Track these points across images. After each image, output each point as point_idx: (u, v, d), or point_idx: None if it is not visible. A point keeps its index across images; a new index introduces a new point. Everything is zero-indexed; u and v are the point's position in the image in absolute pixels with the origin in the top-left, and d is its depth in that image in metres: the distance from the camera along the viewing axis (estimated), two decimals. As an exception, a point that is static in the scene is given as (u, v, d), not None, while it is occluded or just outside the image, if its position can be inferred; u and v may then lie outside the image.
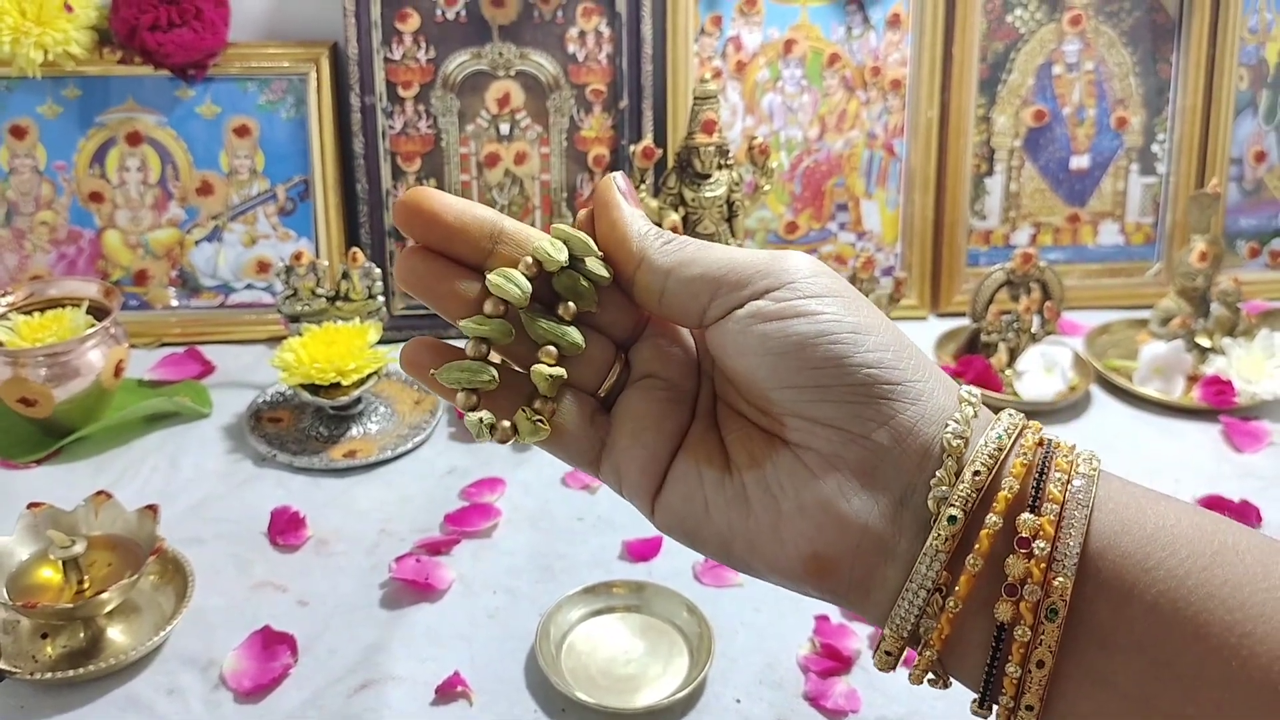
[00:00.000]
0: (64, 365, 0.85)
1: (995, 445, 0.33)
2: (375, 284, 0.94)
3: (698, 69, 1.07)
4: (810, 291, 0.34)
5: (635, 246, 0.36)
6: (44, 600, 0.67)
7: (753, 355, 0.35)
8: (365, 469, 0.87)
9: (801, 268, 0.35)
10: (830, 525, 0.34)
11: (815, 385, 0.34)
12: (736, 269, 0.35)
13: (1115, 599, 0.31)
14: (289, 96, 1.05)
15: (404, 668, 0.67)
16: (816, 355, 0.34)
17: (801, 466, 0.34)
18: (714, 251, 0.36)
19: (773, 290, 0.34)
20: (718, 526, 0.36)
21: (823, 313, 0.34)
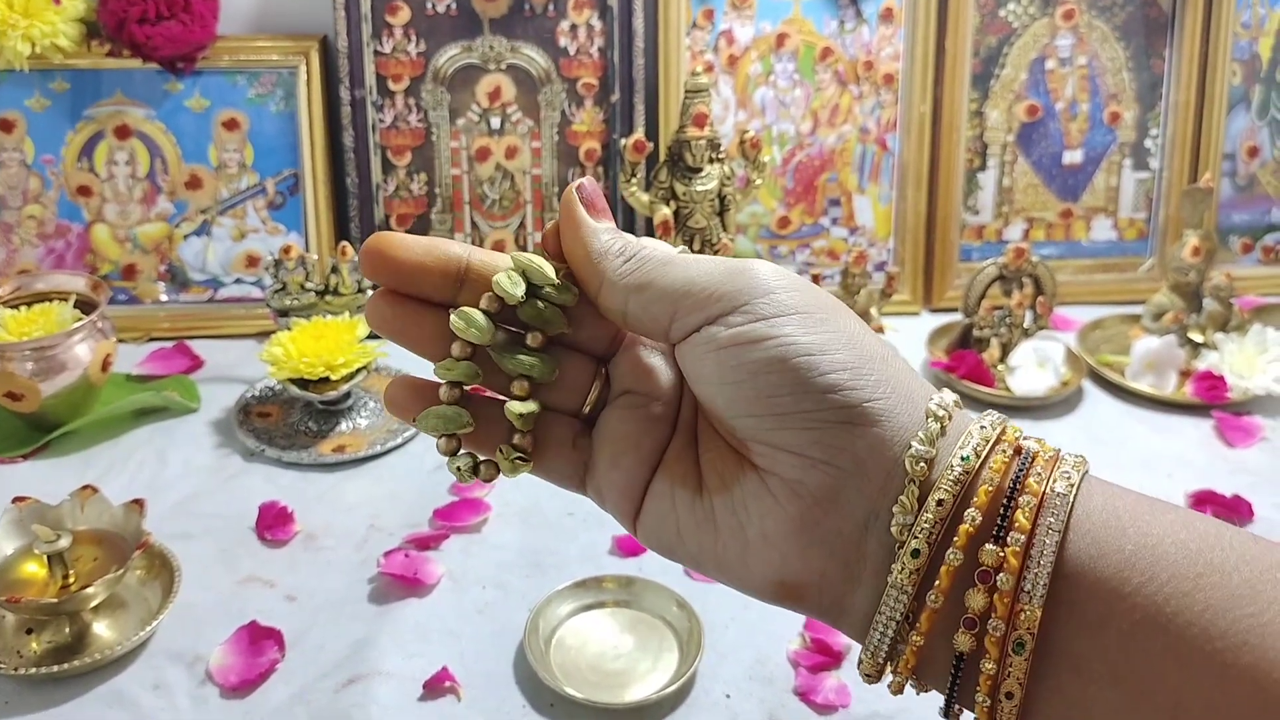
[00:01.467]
0: (51, 359, 0.85)
1: (961, 469, 0.32)
2: (364, 278, 0.93)
3: (689, 63, 1.06)
4: (765, 313, 0.33)
5: (595, 267, 0.35)
6: (29, 595, 0.66)
7: (712, 382, 0.34)
8: (354, 464, 0.86)
9: (758, 285, 0.34)
10: (794, 555, 0.33)
11: (772, 414, 0.33)
12: (694, 290, 0.34)
13: (1090, 626, 0.30)
14: (278, 90, 1.04)
15: (392, 663, 0.67)
16: (770, 383, 0.33)
17: (766, 492, 0.34)
18: (673, 271, 0.35)
19: (727, 314, 0.33)
20: (689, 548, 0.35)
21: (775, 336, 0.33)
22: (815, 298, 0.34)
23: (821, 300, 0.35)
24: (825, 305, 0.34)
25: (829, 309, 0.34)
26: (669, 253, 0.36)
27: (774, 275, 0.34)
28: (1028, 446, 0.33)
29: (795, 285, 0.34)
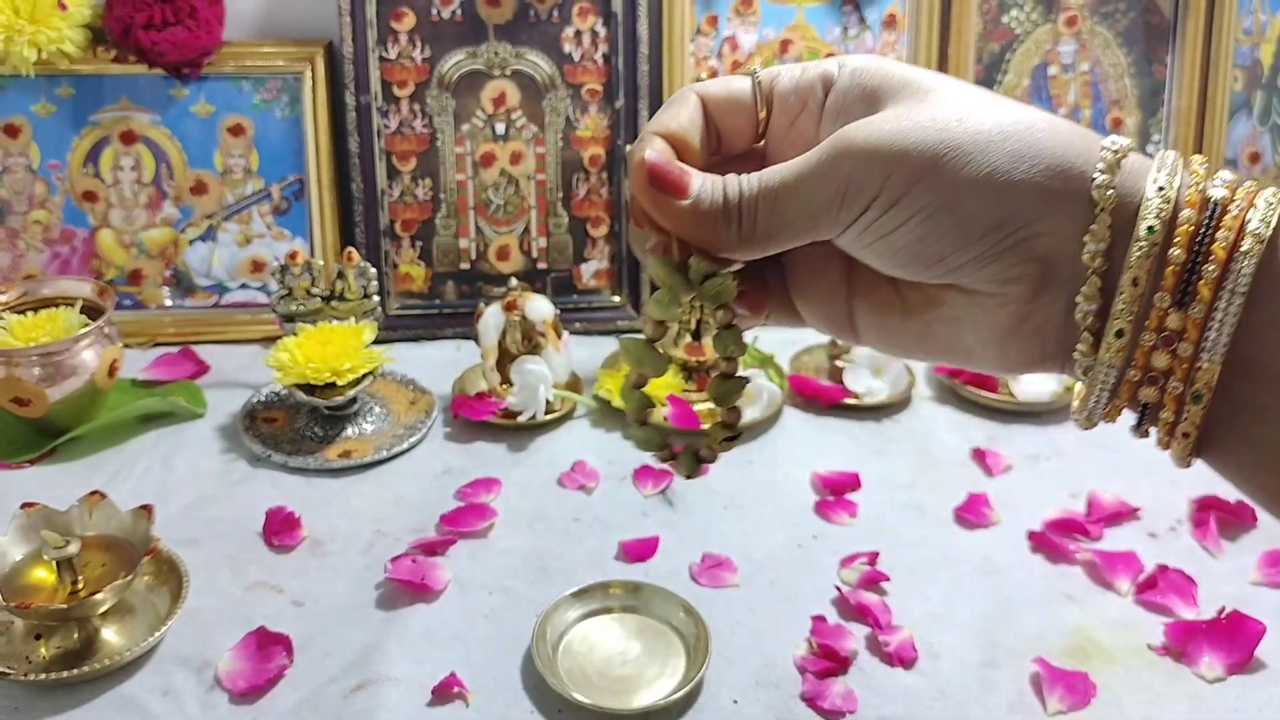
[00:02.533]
0: (58, 365, 0.85)
1: (1141, 252, 0.33)
2: (370, 283, 0.94)
3: (694, 69, 1.07)
4: (891, 200, 0.34)
5: (715, 243, 0.37)
6: (38, 601, 0.66)
7: (876, 261, 0.36)
8: (360, 469, 0.87)
9: (869, 175, 0.34)
10: (1013, 349, 0.36)
11: (945, 272, 0.35)
12: (816, 213, 0.35)
13: (1268, 379, 0.33)
14: (284, 95, 1.05)
15: (400, 668, 0.67)
16: (931, 254, 0.34)
17: (974, 305, 0.36)
18: (786, 208, 0.35)
19: (858, 218, 0.35)
20: (916, 355, 0.39)
21: (910, 219, 0.34)
22: (926, 132, 0.34)
23: (933, 131, 0.34)
24: (941, 141, 0.34)
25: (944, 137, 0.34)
26: (767, 182, 0.36)
27: (869, 150, 0.34)
28: (1213, 193, 0.34)
29: (897, 142, 0.34)
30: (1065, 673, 0.66)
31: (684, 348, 0.96)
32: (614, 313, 1.09)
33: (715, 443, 0.38)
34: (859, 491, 0.84)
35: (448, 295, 1.09)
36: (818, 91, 0.39)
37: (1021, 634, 0.70)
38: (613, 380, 0.94)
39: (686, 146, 0.38)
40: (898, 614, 0.71)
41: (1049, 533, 0.79)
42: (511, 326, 0.92)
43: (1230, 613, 0.69)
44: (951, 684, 0.66)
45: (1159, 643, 0.69)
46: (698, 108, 0.39)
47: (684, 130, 0.38)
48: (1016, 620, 0.71)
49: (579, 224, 1.09)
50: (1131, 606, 0.73)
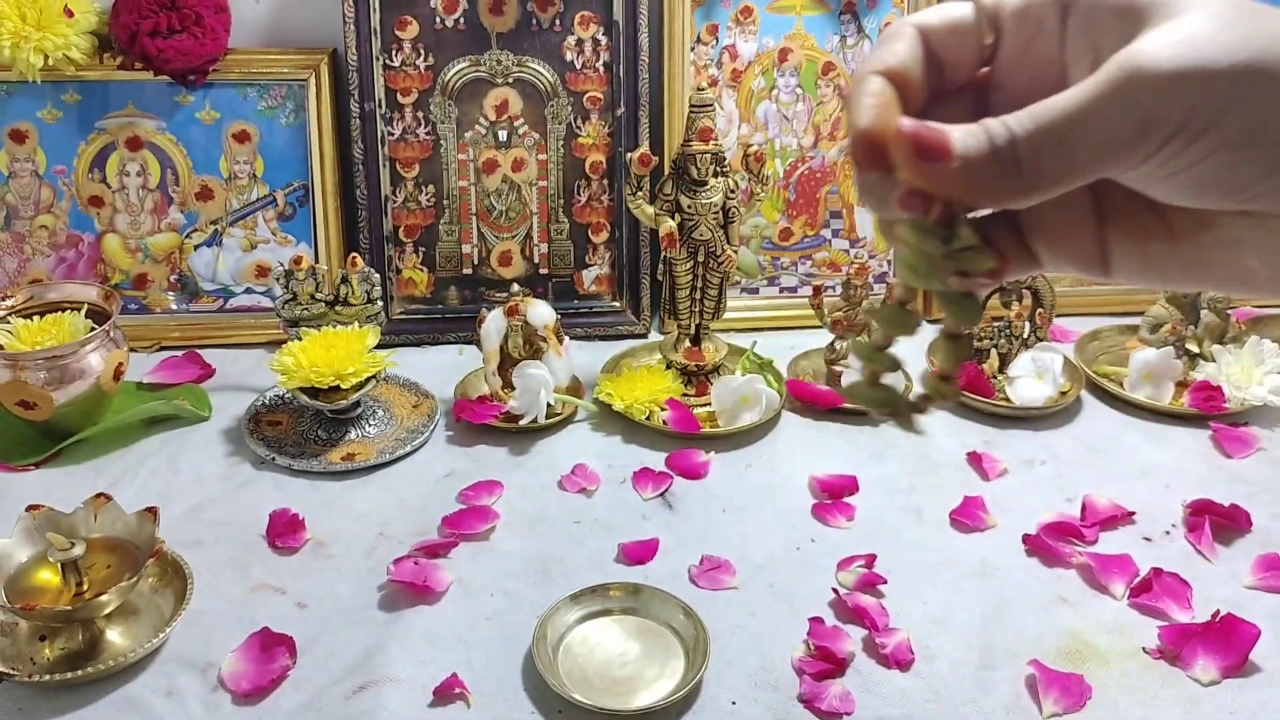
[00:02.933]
0: (63, 368, 0.86)
1: None
2: (374, 289, 0.95)
3: (694, 77, 1.08)
4: (1197, 131, 0.31)
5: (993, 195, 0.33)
6: (43, 602, 0.67)
7: (1167, 194, 0.33)
8: (363, 472, 0.87)
9: (1174, 110, 0.31)
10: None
11: (1245, 200, 0.32)
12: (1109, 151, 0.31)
13: None
14: (288, 102, 1.06)
15: (402, 670, 0.67)
16: (1234, 184, 0.32)
17: (1260, 226, 0.33)
18: (1076, 150, 0.32)
19: (1157, 152, 0.31)
20: (1178, 282, 0.36)
21: (1218, 150, 0.31)
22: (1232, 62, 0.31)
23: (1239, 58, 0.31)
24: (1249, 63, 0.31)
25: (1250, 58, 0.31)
26: (1046, 119, 0.32)
27: (1170, 75, 0.31)
28: None
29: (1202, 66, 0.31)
30: (1061, 675, 0.66)
31: (683, 352, 0.97)
32: (615, 318, 1.10)
33: (935, 394, 0.37)
34: (856, 495, 0.85)
35: (450, 300, 1.10)
36: (1053, 10, 0.35)
37: (1017, 637, 0.70)
38: (613, 385, 0.95)
39: (908, 83, 0.35)
40: (895, 616, 0.72)
41: (1044, 536, 0.79)
42: (513, 331, 0.93)
43: (1225, 616, 0.70)
44: (948, 686, 0.67)
45: (1154, 646, 0.70)
46: (915, 40, 0.36)
47: (905, 65, 0.35)
48: (1012, 623, 0.72)
49: (580, 230, 1.10)
50: (1126, 610, 0.73)
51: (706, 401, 0.95)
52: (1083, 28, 0.34)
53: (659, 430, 0.92)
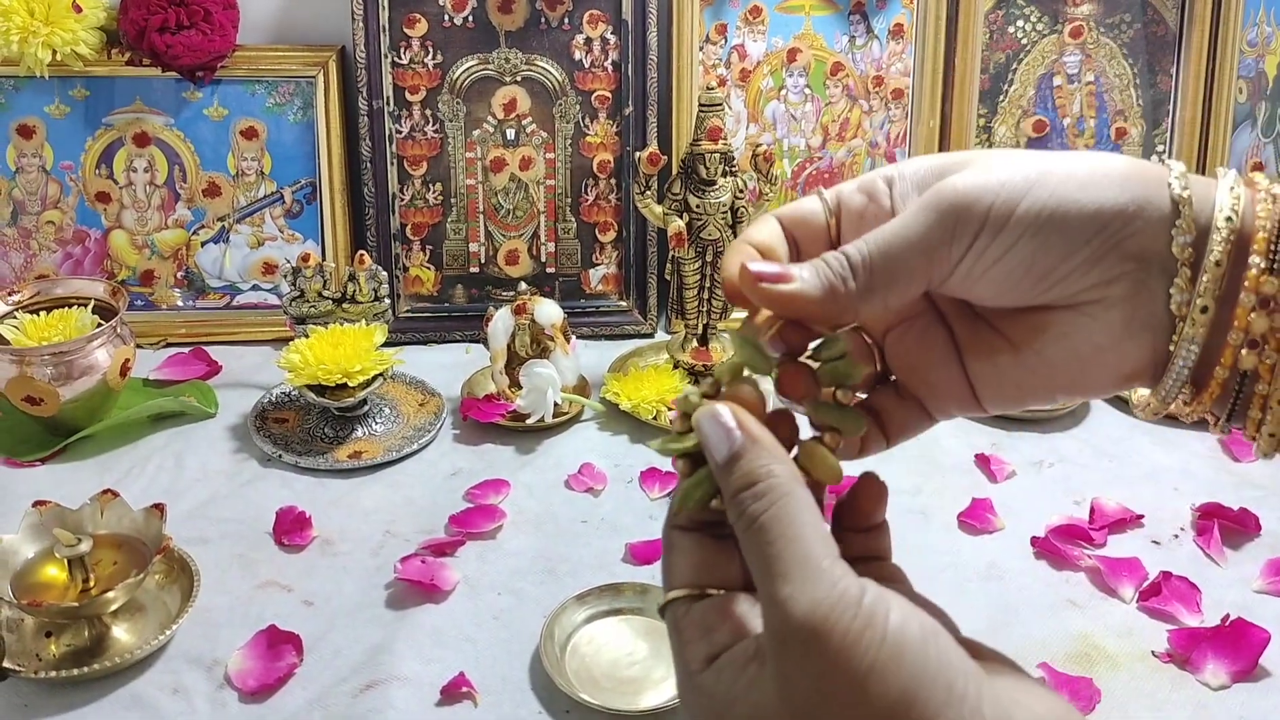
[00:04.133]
0: (70, 364, 0.86)
1: (1221, 238, 0.36)
2: (381, 286, 0.95)
3: (702, 77, 1.08)
4: (999, 225, 0.37)
5: (839, 311, 0.39)
6: (49, 599, 0.67)
7: (987, 292, 0.39)
8: (370, 470, 0.87)
9: (976, 212, 0.38)
10: (1130, 348, 0.38)
11: (1053, 286, 0.38)
12: (929, 254, 0.38)
13: None
14: (296, 99, 1.06)
15: (409, 668, 0.67)
16: (1040, 269, 0.38)
17: (1081, 317, 0.39)
18: (902, 257, 0.38)
19: (969, 249, 0.38)
20: (1034, 396, 0.41)
21: (1019, 240, 0.37)
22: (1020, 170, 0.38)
23: (1026, 165, 0.38)
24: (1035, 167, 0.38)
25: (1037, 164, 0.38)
26: (875, 238, 0.39)
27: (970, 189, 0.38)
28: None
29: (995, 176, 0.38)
30: (1070, 678, 0.66)
31: (690, 352, 0.97)
32: (621, 317, 1.10)
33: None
34: (864, 497, 0.84)
35: (457, 299, 1.10)
36: (880, 185, 0.42)
37: (1026, 640, 0.70)
38: (619, 384, 0.95)
39: (771, 253, 0.42)
40: (903, 618, 0.71)
41: (1053, 539, 0.79)
42: (520, 330, 0.93)
43: (1234, 620, 0.69)
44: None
45: (1163, 649, 0.70)
46: (776, 226, 0.43)
47: (769, 242, 0.42)
48: (1021, 626, 0.72)
49: (588, 229, 1.10)
50: (1135, 613, 0.73)
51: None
52: (905, 192, 0.42)
53: (666, 430, 0.92)
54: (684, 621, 0.38)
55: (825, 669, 0.33)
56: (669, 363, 0.99)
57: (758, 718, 0.36)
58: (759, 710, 0.36)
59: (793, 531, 0.35)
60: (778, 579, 0.34)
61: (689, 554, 0.39)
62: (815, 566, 0.34)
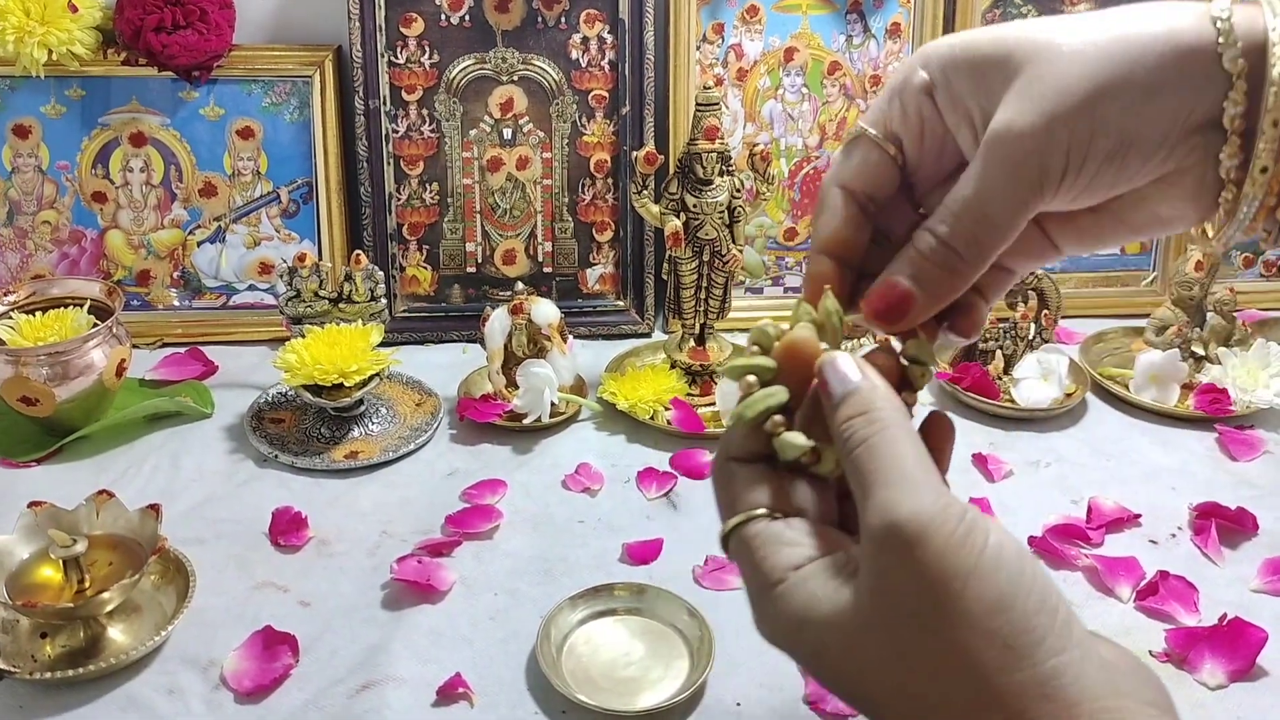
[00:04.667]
0: (66, 364, 0.86)
1: (1274, 121, 0.37)
2: (378, 286, 0.94)
3: (699, 76, 1.07)
4: (1078, 166, 0.39)
5: (945, 289, 0.41)
6: (44, 600, 0.67)
7: (1081, 203, 0.41)
8: (366, 470, 0.87)
9: (1054, 160, 0.39)
10: (1208, 203, 0.40)
11: (1139, 181, 0.40)
12: (1021, 209, 0.40)
13: None
14: (293, 99, 1.05)
15: (405, 669, 0.67)
16: (1126, 178, 0.39)
17: (1159, 184, 0.40)
18: (995, 222, 0.40)
19: (1058, 192, 0.39)
20: (1112, 244, 0.44)
21: (1100, 171, 0.39)
22: (1075, 104, 0.38)
23: (1079, 95, 0.38)
24: (1090, 92, 0.38)
25: (1090, 87, 0.38)
26: (957, 211, 0.40)
27: (1033, 136, 0.38)
28: None
29: (1052, 118, 0.38)
30: (1067, 678, 0.66)
31: (687, 352, 0.97)
32: (618, 317, 1.10)
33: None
34: (862, 496, 0.84)
35: (454, 298, 1.10)
36: (923, 97, 0.42)
37: (1023, 639, 0.70)
38: (616, 384, 0.95)
39: (848, 245, 0.43)
40: (900, 618, 0.71)
41: (1050, 539, 0.79)
42: (517, 330, 0.93)
43: (1232, 620, 0.69)
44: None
45: (1160, 649, 0.70)
46: (840, 197, 0.44)
47: (839, 234, 0.43)
48: (1018, 625, 0.71)
49: (584, 229, 1.10)
50: (1132, 613, 0.73)
51: (711, 401, 0.95)
52: (948, 102, 0.42)
53: (663, 430, 0.92)
54: (758, 539, 0.40)
55: (925, 570, 0.35)
56: (666, 362, 0.98)
57: (842, 623, 0.38)
58: (844, 614, 0.38)
59: (900, 451, 0.38)
60: (883, 487, 0.37)
61: (752, 481, 0.41)
62: (921, 481, 0.37)
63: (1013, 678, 0.35)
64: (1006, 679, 0.35)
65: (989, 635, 0.35)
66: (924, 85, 0.42)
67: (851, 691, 0.39)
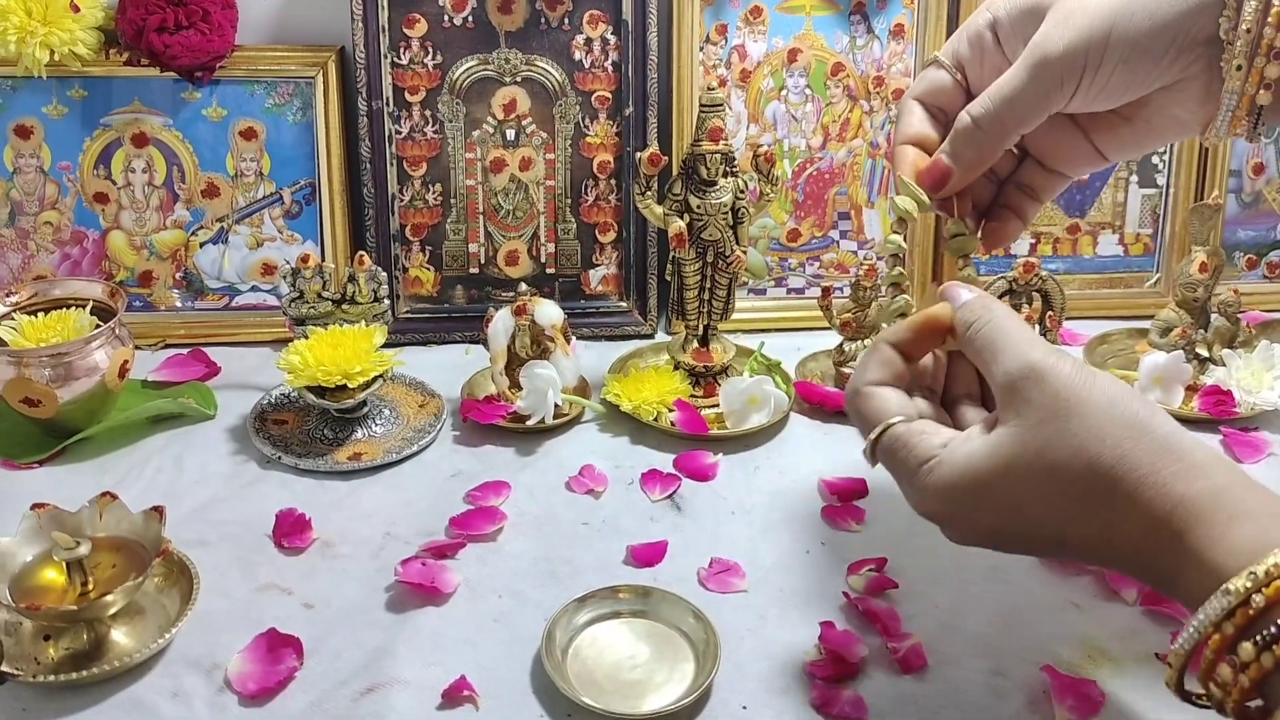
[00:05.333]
0: (68, 366, 0.85)
1: (1246, 29, 0.53)
2: (381, 287, 0.94)
3: (703, 77, 1.07)
4: (1095, 65, 0.55)
5: (983, 164, 0.60)
6: (47, 602, 0.67)
7: (1102, 104, 0.57)
8: (370, 472, 0.87)
9: (1074, 64, 0.55)
10: (1212, 108, 0.56)
11: (1151, 86, 0.56)
12: (1046, 99, 0.57)
13: None
14: (296, 100, 1.05)
15: (410, 671, 0.67)
16: (1138, 82, 0.55)
17: (1174, 93, 0.57)
18: (1019, 106, 0.57)
19: (1078, 89, 0.56)
20: (1152, 146, 0.66)
21: (1114, 72, 0.55)
22: (1095, 23, 0.54)
23: (1096, 19, 0.54)
24: (1107, 15, 0.54)
25: (1107, 11, 0.54)
26: (995, 94, 0.57)
27: (1063, 49, 0.54)
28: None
29: (1080, 34, 0.54)
30: (1074, 681, 0.66)
31: (691, 353, 0.97)
32: (621, 318, 1.10)
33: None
34: (866, 498, 0.84)
35: (457, 299, 1.09)
36: (987, 34, 0.59)
37: (1029, 643, 0.70)
38: (620, 385, 0.95)
39: (924, 141, 0.61)
40: (906, 621, 0.71)
41: (1056, 541, 0.79)
42: (521, 331, 0.92)
43: (1238, 622, 0.69)
44: (961, 691, 0.66)
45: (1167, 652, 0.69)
46: (918, 109, 0.62)
47: (919, 132, 0.62)
48: (1024, 628, 0.71)
49: (587, 230, 1.09)
50: (1139, 616, 0.73)
51: (714, 403, 0.95)
52: (1009, 36, 0.58)
53: (667, 431, 0.92)
54: (899, 440, 0.53)
55: (1058, 388, 0.48)
56: (669, 363, 0.98)
57: (997, 461, 0.49)
58: (999, 453, 0.49)
59: (1016, 324, 0.52)
60: (1012, 346, 0.51)
61: (884, 400, 0.55)
62: (1036, 341, 0.51)
63: (1139, 443, 0.47)
64: (1133, 445, 0.47)
65: (1114, 419, 0.47)
66: (989, 22, 0.59)
67: (1016, 528, 0.51)
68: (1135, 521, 0.47)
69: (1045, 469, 0.48)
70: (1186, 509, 0.46)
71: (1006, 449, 0.49)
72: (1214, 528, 0.45)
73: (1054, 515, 0.49)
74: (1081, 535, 0.49)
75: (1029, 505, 0.49)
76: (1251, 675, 0.44)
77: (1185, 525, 0.46)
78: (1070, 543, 0.50)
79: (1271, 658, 0.43)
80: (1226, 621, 0.44)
